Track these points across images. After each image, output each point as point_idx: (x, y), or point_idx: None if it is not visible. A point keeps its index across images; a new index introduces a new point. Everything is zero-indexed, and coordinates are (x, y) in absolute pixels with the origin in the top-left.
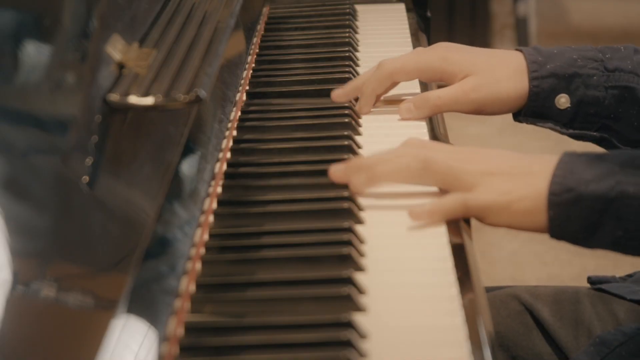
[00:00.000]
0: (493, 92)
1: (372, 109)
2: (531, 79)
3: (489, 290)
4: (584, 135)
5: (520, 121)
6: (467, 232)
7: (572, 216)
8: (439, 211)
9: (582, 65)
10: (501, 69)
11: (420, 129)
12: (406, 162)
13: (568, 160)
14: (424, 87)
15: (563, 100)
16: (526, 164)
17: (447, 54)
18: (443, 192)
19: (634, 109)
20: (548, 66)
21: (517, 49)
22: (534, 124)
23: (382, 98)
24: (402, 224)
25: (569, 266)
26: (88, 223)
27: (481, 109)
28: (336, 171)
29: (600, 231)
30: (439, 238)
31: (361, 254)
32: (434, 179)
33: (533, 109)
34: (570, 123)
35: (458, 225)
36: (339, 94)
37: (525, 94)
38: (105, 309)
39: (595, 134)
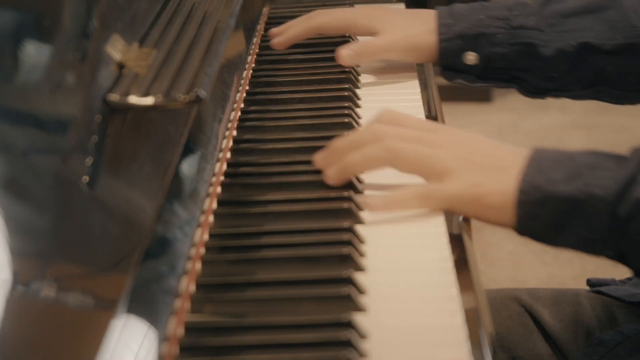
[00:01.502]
0: (419, 41)
1: (373, 105)
2: (440, 41)
3: (488, 292)
4: (493, 85)
5: (444, 77)
6: (467, 232)
7: (540, 215)
8: (395, 204)
9: (487, 24)
10: (420, 26)
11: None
12: (374, 153)
13: (538, 158)
14: (420, 67)
15: (471, 57)
16: (498, 157)
17: (372, 12)
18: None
19: (538, 61)
20: (456, 28)
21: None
22: (451, 80)
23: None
24: (403, 224)
25: (569, 266)
26: (88, 223)
27: (409, 56)
28: (317, 160)
29: (566, 231)
30: (439, 238)
31: (361, 254)
32: (403, 167)
33: (445, 65)
34: (481, 76)
35: (458, 226)
36: (274, 31)
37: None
38: (105, 309)
39: (503, 83)
